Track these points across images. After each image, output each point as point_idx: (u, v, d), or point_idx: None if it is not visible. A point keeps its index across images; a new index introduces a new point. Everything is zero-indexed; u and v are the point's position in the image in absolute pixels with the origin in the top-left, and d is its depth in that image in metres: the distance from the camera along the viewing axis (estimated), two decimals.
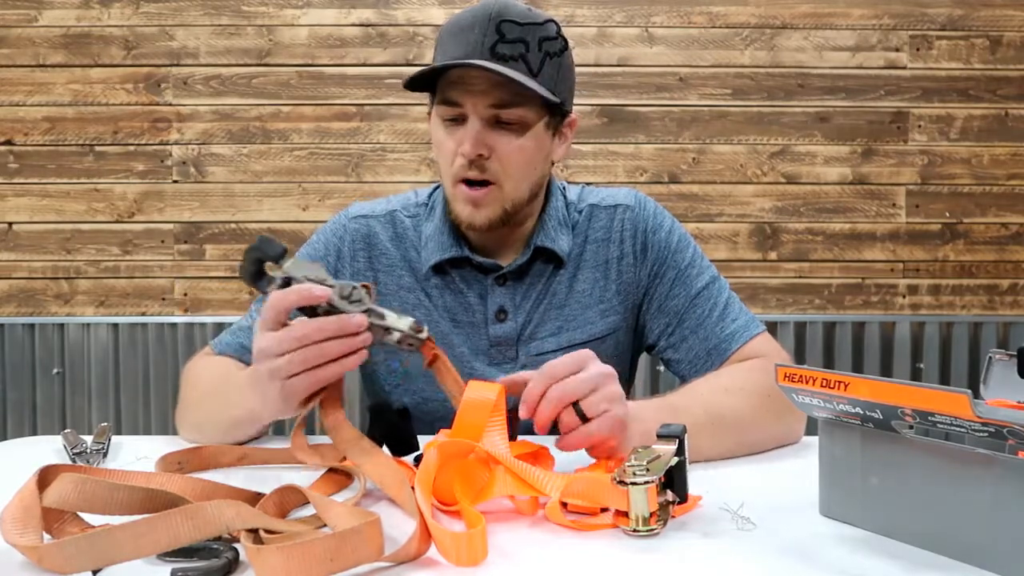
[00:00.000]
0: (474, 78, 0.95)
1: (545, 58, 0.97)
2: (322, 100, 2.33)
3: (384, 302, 1.05)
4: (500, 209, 1.00)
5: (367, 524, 0.60)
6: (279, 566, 0.57)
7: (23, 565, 0.62)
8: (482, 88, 0.95)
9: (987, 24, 2.36)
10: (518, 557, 0.64)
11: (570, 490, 0.70)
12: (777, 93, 2.35)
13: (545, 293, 1.08)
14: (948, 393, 0.57)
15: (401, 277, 1.08)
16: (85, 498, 0.64)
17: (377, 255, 1.09)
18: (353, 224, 1.10)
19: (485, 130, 0.97)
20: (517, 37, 0.95)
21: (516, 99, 0.96)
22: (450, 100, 0.98)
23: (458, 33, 0.97)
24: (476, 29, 0.95)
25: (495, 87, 0.95)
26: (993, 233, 2.38)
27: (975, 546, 0.60)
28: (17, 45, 2.30)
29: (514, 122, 0.98)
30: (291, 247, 1.13)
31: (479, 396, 0.76)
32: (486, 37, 0.94)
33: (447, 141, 0.99)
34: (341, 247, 1.09)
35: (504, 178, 0.99)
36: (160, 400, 2.31)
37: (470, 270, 1.07)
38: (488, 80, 0.95)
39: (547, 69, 0.98)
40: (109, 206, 2.33)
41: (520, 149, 0.98)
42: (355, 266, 1.08)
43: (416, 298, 1.07)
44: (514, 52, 0.95)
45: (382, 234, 1.09)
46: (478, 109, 0.96)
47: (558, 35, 1.01)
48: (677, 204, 2.34)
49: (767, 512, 0.72)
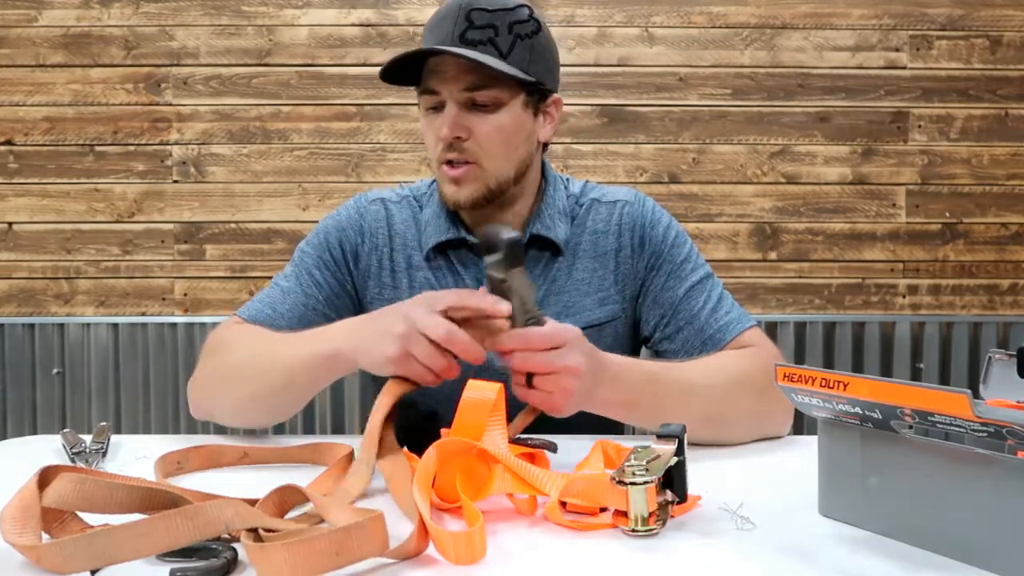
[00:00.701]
0: (445, 65, 1.00)
1: (516, 40, 1.01)
2: (322, 100, 2.33)
3: (396, 278, 1.12)
4: (483, 187, 1.04)
5: (371, 519, 0.60)
6: (283, 563, 0.56)
7: (23, 565, 0.62)
8: (453, 74, 1.01)
9: (987, 24, 2.36)
10: (517, 557, 0.64)
11: (569, 490, 0.70)
12: (777, 93, 2.35)
13: (544, 279, 1.10)
14: (948, 393, 0.57)
15: (412, 256, 1.12)
16: (84, 498, 0.64)
17: (393, 234, 1.13)
18: (372, 206, 1.15)
19: (462, 113, 1.02)
20: (486, 23, 1.00)
21: (487, 81, 1.01)
22: (428, 89, 1.03)
23: (433, 26, 1.03)
24: (448, 20, 1.01)
25: (465, 72, 1.00)
26: (993, 233, 2.38)
27: (975, 546, 0.60)
28: (17, 45, 2.30)
29: (489, 103, 1.02)
30: (295, 246, 1.14)
31: (479, 396, 0.76)
32: (456, 26, 1.00)
33: (430, 128, 1.05)
34: (362, 223, 1.13)
35: (483, 157, 1.03)
36: (160, 400, 2.31)
37: (466, 252, 1.11)
38: (457, 66, 1.00)
39: (518, 51, 1.02)
40: (109, 206, 2.33)
41: (497, 128, 1.03)
42: (374, 242, 1.13)
43: (424, 276, 1.11)
44: (483, 37, 1.00)
45: (398, 215, 1.14)
46: (453, 94, 1.01)
47: (530, 18, 1.04)
48: (677, 204, 2.34)
49: (766, 512, 0.72)
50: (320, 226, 1.15)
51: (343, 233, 1.12)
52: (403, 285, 1.11)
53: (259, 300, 1.09)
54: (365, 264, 1.12)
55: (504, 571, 0.61)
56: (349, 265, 1.12)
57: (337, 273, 1.11)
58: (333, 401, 2.33)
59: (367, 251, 1.12)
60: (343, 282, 1.12)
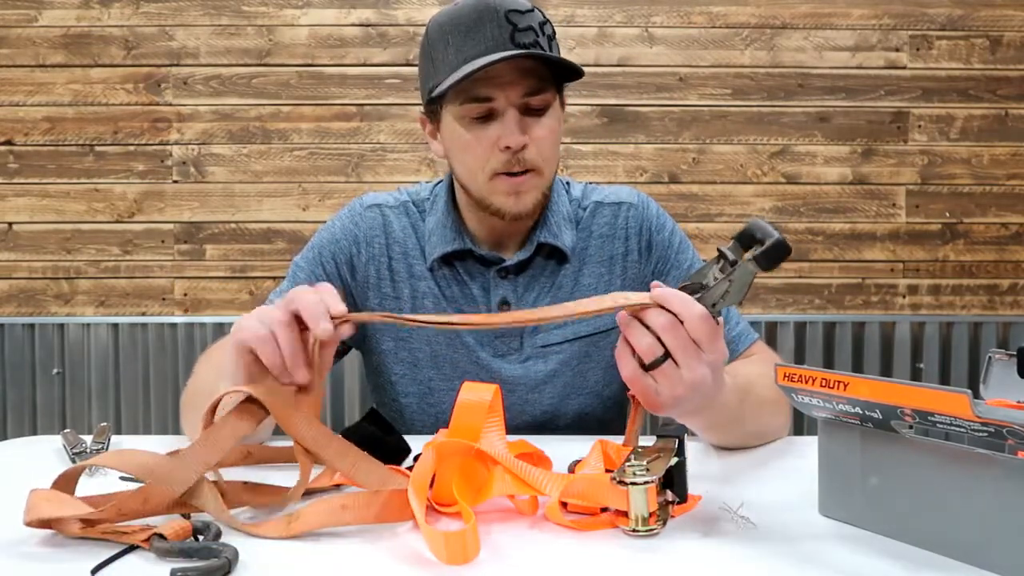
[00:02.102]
0: (503, 71, 0.97)
1: (549, 38, 1.01)
2: (322, 100, 2.33)
3: (398, 288, 1.09)
4: (540, 193, 1.03)
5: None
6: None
7: (47, 540, 0.62)
8: (511, 79, 0.97)
9: (987, 24, 2.36)
10: (517, 557, 0.64)
11: (569, 490, 0.70)
12: (777, 93, 2.35)
13: (550, 286, 1.09)
14: (948, 393, 0.57)
15: (413, 265, 1.10)
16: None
17: (391, 243, 1.11)
18: (369, 213, 1.12)
19: (523, 119, 0.99)
20: (526, 25, 0.98)
21: (543, 84, 0.99)
22: (479, 97, 0.98)
23: (467, 31, 0.97)
24: (488, 24, 0.96)
25: (524, 76, 0.98)
26: (993, 233, 2.38)
27: (975, 546, 0.60)
28: (17, 45, 2.30)
29: (542, 107, 1.00)
30: (295, 246, 1.14)
31: (474, 398, 0.75)
32: (501, 30, 0.96)
33: (479, 139, 1.00)
34: (357, 233, 1.11)
35: (542, 163, 1.01)
36: (160, 400, 2.31)
37: (473, 262, 1.09)
38: (518, 70, 0.97)
39: (554, 48, 1.01)
40: (109, 206, 2.33)
41: (551, 131, 1.01)
42: (371, 251, 1.10)
43: (427, 285, 1.09)
44: (530, 40, 0.97)
45: (396, 223, 1.11)
46: (512, 100, 0.98)
47: (546, 17, 1.04)
48: (677, 204, 2.34)
49: (767, 512, 0.72)
50: (315, 239, 1.12)
51: (337, 246, 1.10)
52: (404, 295, 1.09)
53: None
54: (363, 275, 1.10)
55: (504, 571, 0.61)
56: (345, 278, 1.10)
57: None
58: (333, 401, 2.33)
59: (364, 261, 1.10)
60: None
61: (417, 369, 1.10)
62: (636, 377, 0.72)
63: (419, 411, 1.11)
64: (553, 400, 1.09)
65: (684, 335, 0.70)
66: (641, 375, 0.72)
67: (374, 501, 0.67)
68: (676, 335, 0.70)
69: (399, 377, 1.11)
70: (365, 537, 0.67)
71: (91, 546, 0.64)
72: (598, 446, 0.83)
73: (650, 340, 0.71)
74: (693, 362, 0.70)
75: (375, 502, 0.67)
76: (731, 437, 0.92)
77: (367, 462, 0.74)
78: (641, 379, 0.72)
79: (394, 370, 1.12)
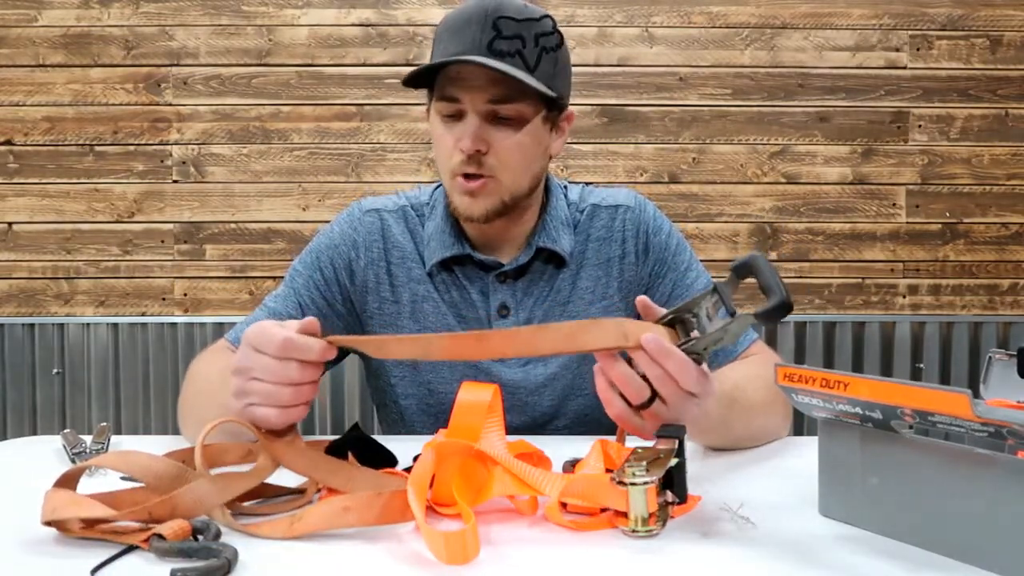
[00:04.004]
0: (472, 74, 0.96)
1: (542, 53, 0.99)
2: (322, 100, 2.33)
3: (397, 292, 1.08)
4: (498, 201, 1.02)
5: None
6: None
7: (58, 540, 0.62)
8: (479, 84, 0.97)
9: (987, 24, 2.35)
10: (517, 557, 0.64)
11: (569, 490, 0.70)
12: (777, 93, 2.35)
13: (548, 291, 1.09)
14: (948, 393, 0.57)
15: (411, 269, 1.10)
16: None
17: (390, 247, 1.10)
18: (367, 217, 1.12)
19: (483, 125, 0.98)
20: (514, 33, 0.96)
21: (513, 94, 0.97)
22: (449, 96, 0.99)
23: (456, 30, 0.98)
24: (473, 26, 0.96)
25: (492, 83, 0.96)
26: (993, 233, 2.38)
27: (975, 546, 0.60)
28: (17, 45, 2.30)
29: (512, 117, 0.99)
30: (295, 246, 1.14)
31: (473, 398, 0.75)
32: (483, 34, 0.95)
33: (446, 136, 1.01)
34: (356, 237, 1.11)
35: (502, 172, 1.00)
36: (160, 400, 2.31)
37: (472, 267, 1.09)
38: (486, 76, 0.96)
39: (544, 64, 0.99)
40: (109, 206, 2.33)
41: (518, 144, 1.00)
42: (370, 256, 1.10)
43: (426, 290, 1.09)
44: (511, 48, 0.96)
45: (395, 227, 1.11)
46: (476, 105, 0.98)
47: (554, 30, 1.02)
48: (677, 204, 2.34)
49: (767, 512, 0.72)
50: (314, 244, 1.12)
51: (335, 251, 1.10)
52: (404, 299, 1.09)
53: (247, 322, 1.07)
54: (362, 279, 1.10)
55: (504, 571, 0.61)
56: (343, 283, 1.10)
57: (327, 293, 1.09)
58: (333, 401, 2.33)
59: (363, 266, 1.10)
60: (332, 302, 1.09)
61: (417, 372, 1.10)
62: (626, 417, 0.75)
63: (419, 413, 1.11)
64: (553, 402, 1.09)
65: (675, 386, 0.72)
66: (631, 415, 0.75)
67: (376, 503, 0.68)
68: (667, 385, 0.72)
69: (399, 379, 1.11)
70: (365, 537, 0.67)
71: (91, 546, 0.64)
72: (598, 446, 0.82)
73: (639, 384, 0.73)
74: (684, 405, 0.74)
75: (377, 504, 0.68)
76: (719, 441, 0.92)
77: (360, 472, 0.76)
78: (631, 419, 0.75)
79: (394, 372, 1.12)
